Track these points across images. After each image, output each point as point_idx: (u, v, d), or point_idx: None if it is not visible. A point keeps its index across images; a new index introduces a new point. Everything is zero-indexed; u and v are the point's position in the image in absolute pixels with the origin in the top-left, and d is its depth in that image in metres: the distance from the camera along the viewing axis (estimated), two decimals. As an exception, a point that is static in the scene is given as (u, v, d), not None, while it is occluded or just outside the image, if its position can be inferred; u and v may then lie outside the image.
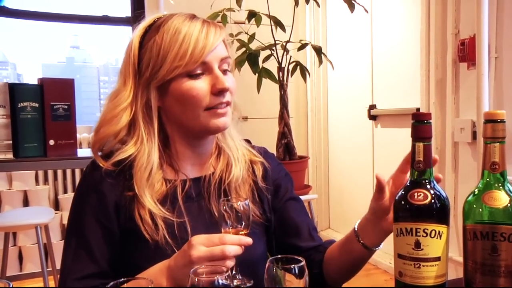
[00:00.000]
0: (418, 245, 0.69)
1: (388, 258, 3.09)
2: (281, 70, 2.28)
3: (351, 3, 2.22)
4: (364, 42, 3.32)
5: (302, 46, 2.39)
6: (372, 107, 3.26)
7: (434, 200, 0.70)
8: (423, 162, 0.71)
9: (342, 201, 3.74)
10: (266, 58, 2.30)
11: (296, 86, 3.70)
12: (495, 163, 0.70)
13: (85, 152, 2.01)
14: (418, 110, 2.66)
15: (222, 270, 0.64)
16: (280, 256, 0.68)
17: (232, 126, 0.99)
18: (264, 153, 1.09)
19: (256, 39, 2.30)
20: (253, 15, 2.21)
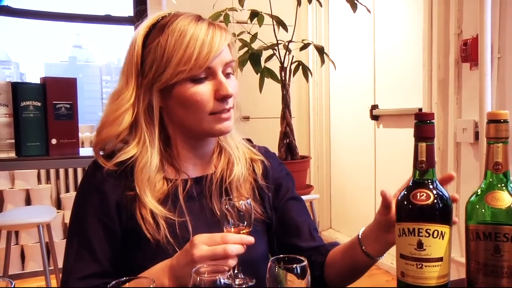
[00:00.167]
0: (420, 245, 0.69)
1: (390, 258, 3.08)
2: (283, 70, 2.28)
3: (354, 3, 2.22)
4: (366, 42, 3.32)
5: (304, 46, 2.39)
6: (374, 107, 3.26)
7: (436, 200, 0.70)
8: (426, 162, 0.71)
9: (343, 201, 3.73)
10: (268, 58, 2.30)
11: (298, 86, 3.70)
12: (498, 163, 0.70)
13: (87, 151, 2.01)
14: (420, 110, 2.66)
15: (224, 270, 0.64)
16: (282, 255, 0.68)
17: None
18: (265, 152, 1.09)
19: (258, 39, 2.30)
20: (255, 15, 2.21)
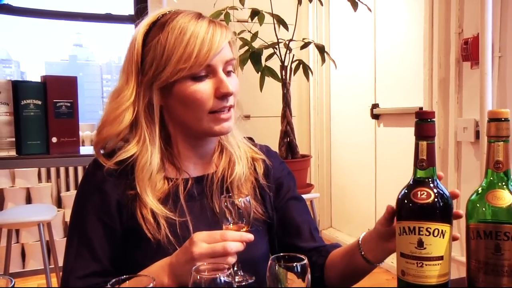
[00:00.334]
0: (421, 244, 0.69)
1: (390, 257, 3.07)
2: (284, 68, 2.28)
3: (355, 2, 2.22)
4: (367, 41, 3.31)
5: (305, 45, 2.39)
6: (374, 106, 3.26)
7: (437, 199, 0.70)
8: (427, 160, 0.71)
9: (344, 200, 3.73)
10: (269, 57, 2.30)
11: (298, 84, 3.69)
12: (499, 162, 0.70)
13: (87, 149, 2.01)
14: (421, 109, 2.66)
15: (224, 268, 0.64)
16: (282, 254, 0.68)
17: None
18: (266, 151, 1.08)
19: (259, 38, 2.30)
20: (256, 14, 2.21)
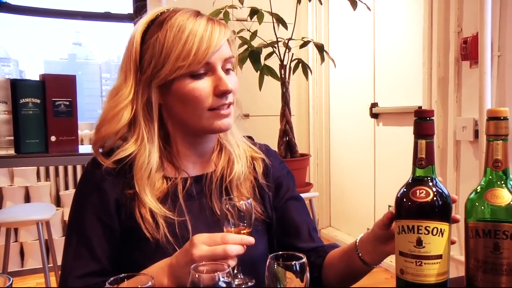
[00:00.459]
0: (419, 242, 0.69)
1: (389, 256, 3.08)
2: (283, 67, 2.28)
3: (354, 1, 2.21)
4: (366, 40, 3.31)
5: (304, 44, 2.39)
6: (374, 105, 3.26)
7: (436, 197, 0.70)
8: (425, 159, 0.71)
9: (343, 199, 3.74)
10: (268, 56, 2.30)
11: (298, 83, 3.69)
12: (498, 161, 0.70)
13: (86, 148, 2.00)
14: (420, 108, 2.65)
15: (223, 268, 0.64)
16: (281, 252, 0.68)
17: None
18: (266, 150, 1.08)
19: (258, 37, 2.29)
20: (255, 12, 2.20)
